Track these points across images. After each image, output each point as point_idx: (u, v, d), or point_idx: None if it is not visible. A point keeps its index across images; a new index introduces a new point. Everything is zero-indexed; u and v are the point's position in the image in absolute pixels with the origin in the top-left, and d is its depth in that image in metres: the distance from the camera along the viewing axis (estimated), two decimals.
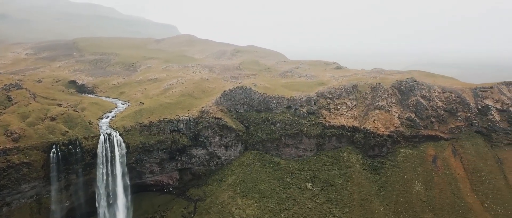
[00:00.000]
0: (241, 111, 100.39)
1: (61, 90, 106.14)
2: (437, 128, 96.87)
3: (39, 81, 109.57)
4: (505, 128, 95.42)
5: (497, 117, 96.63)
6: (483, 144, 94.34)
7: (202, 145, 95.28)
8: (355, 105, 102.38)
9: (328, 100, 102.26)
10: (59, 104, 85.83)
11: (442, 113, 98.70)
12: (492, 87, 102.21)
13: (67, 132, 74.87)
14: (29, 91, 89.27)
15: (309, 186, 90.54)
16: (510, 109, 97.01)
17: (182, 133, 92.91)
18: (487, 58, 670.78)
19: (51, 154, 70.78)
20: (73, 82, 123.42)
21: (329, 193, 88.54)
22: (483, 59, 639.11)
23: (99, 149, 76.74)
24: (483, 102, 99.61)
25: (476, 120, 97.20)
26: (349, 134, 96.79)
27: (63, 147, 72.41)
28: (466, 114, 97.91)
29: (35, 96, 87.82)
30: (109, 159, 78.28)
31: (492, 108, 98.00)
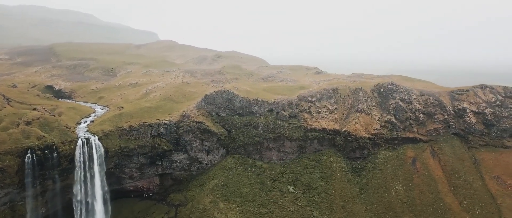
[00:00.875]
0: (223, 115, 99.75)
1: (37, 95, 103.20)
2: (416, 130, 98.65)
3: (14, 86, 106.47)
4: (481, 130, 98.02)
5: (473, 119, 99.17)
6: (460, 145, 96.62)
7: (183, 150, 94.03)
8: (336, 108, 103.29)
9: (309, 103, 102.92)
10: (34, 109, 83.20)
11: (421, 115, 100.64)
12: (468, 91, 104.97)
13: (43, 136, 72.59)
14: (3, 95, 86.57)
15: (291, 189, 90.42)
16: (485, 111, 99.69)
17: (162, 137, 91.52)
18: (466, 66, 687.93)
19: (26, 159, 68.37)
20: (49, 88, 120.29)
21: (311, 196, 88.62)
22: (459, 67, 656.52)
23: (77, 154, 74.70)
24: (460, 105, 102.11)
25: (453, 122, 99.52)
26: (330, 136, 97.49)
27: (38, 152, 70.09)
28: (444, 116, 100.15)
29: (10, 101, 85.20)
30: (87, 164, 76.28)
31: (468, 110, 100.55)
